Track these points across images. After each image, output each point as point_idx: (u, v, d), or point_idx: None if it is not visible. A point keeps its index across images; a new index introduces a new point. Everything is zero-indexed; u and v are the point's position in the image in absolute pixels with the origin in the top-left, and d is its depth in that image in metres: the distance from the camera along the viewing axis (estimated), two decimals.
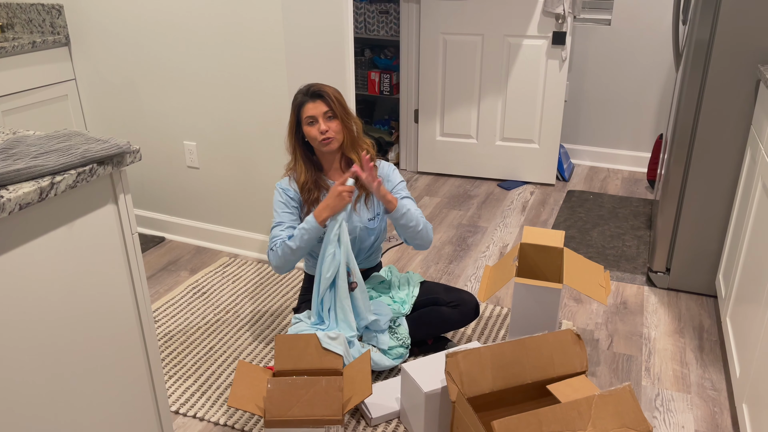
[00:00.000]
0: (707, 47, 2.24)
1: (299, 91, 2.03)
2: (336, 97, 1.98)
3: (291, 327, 2.07)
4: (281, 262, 2.00)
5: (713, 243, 2.46)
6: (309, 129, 1.99)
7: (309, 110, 1.97)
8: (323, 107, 1.97)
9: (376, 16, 3.88)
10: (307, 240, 1.96)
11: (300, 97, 2.00)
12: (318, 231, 1.95)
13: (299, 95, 2.01)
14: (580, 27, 3.78)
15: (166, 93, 2.77)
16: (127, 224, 1.35)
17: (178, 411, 1.95)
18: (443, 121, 3.78)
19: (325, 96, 1.97)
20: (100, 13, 2.76)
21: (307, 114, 1.97)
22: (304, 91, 2.01)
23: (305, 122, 1.99)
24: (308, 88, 2.01)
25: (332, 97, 1.97)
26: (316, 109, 1.96)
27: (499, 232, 3.15)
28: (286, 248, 1.97)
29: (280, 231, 2.02)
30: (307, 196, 2.05)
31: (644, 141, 3.89)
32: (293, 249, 1.97)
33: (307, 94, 1.98)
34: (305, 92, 2.00)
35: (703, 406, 1.98)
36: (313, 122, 1.98)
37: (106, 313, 1.33)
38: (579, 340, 1.71)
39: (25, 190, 1.08)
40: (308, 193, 2.05)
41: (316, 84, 2.01)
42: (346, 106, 2.02)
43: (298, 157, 2.06)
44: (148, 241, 3.01)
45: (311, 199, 2.04)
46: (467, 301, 2.12)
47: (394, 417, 1.92)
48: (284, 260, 1.99)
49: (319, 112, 1.96)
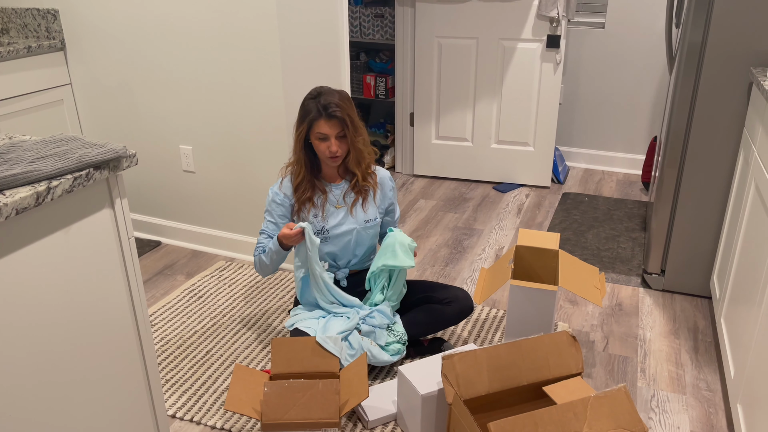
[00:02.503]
0: (700, 50, 2.26)
1: (311, 98, 2.00)
2: (350, 117, 1.99)
3: (291, 318, 2.10)
4: (260, 270, 2.15)
5: (707, 244, 2.47)
6: (319, 143, 2.01)
7: (322, 127, 1.97)
8: (337, 129, 1.98)
9: (371, 20, 3.89)
10: (276, 259, 2.08)
11: (314, 111, 1.97)
12: (283, 253, 2.06)
13: (312, 105, 1.98)
14: (575, 30, 3.80)
15: (162, 97, 2.78)
16: (124, 229, 1.35)
17: (175, 415, 1.95)
18: (438, 124, 3.79)
19: (341, 119, 1.97)
20: (95, 18, 2.76)
21: (319, 130, 1.98)
22: (316, 98, 1.98)
23: (316, 136, 2.00)
24: (322, 99, 1.97)
25: (347, 119, 1.98)
26: (331, 129, 1.98)
27: (494, 234, 3.16)
28: (262, 260, 2.11)
29: (263, 239, 2.13)
30: (301, 195, 2.08)
31: (638, 143, 3.91)
32: (266, 264, 2.11)
33: (324, 111, 1.96)
34: (321, 106, 1.96)
35: (698, 406, 1.99)
36: (324, 139, 2.00)
37: (102, 318, 1.33)
38: (574, 341, 1.72)
39: (21, 194, 1.08)
40: (302, 193, 2.08)
41: (328, 94, 1.99)
42: (357, 122, 2.03)
43: (300, 158, 2.08)
44: (145, 245, 3.01)
45: (304, 198, 2.08)
46: (460, 298, 2.14)
47: (391, 419, 1.92)
48: (261, 269, 2.14)
49: (332, 132, 1.98)
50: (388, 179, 2.21)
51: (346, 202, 2.11)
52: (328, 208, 2.10)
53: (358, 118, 2.04)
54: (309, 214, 2.09)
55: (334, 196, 2.11)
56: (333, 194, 2.11)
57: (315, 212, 2.09)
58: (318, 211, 2.09)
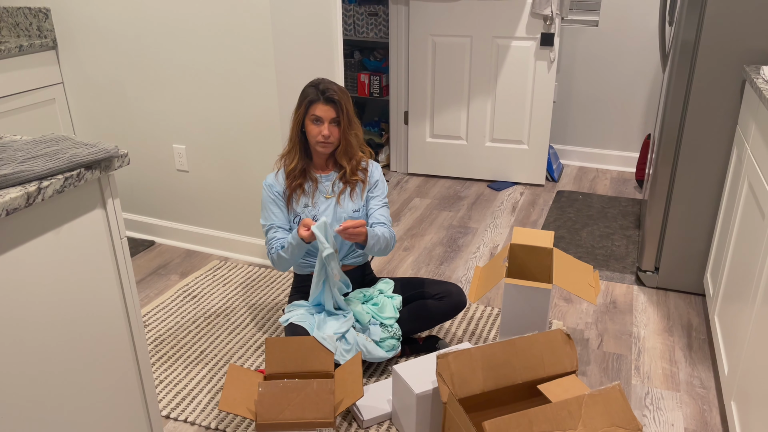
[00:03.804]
0: (693, 48, 2.26)
1: (311, 85, 2.05)
2: (346, 107, 2.02)
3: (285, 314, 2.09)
4: (279, 266, 2.11)
5: (701, 242, 2.48)
6: (312, 126, 2.03)
7: (318, 110, 2.00)
8: (332, 113, 2.01)
9: (365, 18, 3.89)
10: (296, 253, 2.04)
11: (312, 94, 2.02)
12: (303, 245, 2.01)
13: (311, 90, 2.03)
14: (568, 28, 3.80)
15: (155, 96, 2.76)
16: (116, 229, 1.34)
17: (169, 415, 1.95)
18: (433, 122, 3.79)
19: (338, 103, 2.00)
20: (87, 17, 2.74)
21: (314, 112, 2.01)
22: (316, 85, 2.03)
23: (310, 118, 2.03)
24: (321, 85, 2.02)
25: (343, 106, 2.01)
26: (326, 112, 2.00)
27: (489, 233, 3.16)
28: (281, 256, 2.07)
29: (273, 233, 2.10)
30: (291, 181, 2.10)
31: (632, 141, 3.91)
32: (286, 258, 2.07)
33: (321, 95, 2.00)
34: (319, 90, 2.01)
35: (692, 403, 2.00)
36: (318, 122, 2.02)
37: (94, 318, 1.32)
38: (569, 339, 1.72)
39: (12, 195, 1.08)
40: (293, 179, 2.10)
41: (328, 83, 2.03)
42: (352, 114, 2.06)
43: (295, 144, 2.10)
44: (138, 245, 3.00)
45: (294, 185, 2.10)
46: (453, 293, 2.14)
47: (386, 419, 1.92)
48: (281, 264, 2.10)
49: (327, 116, 2.01)
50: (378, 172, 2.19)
51: (334, 192, 2.12)
52: (318, 197, 2.11)
53: (354, 114, 2.07)
54: (300, 203, 2.09)
55: (324, 186, 2.12)
56: (323, 184, 2.12)
57: (306, 201, 2.10)
58: (308, 199, 2.10)
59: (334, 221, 2.10)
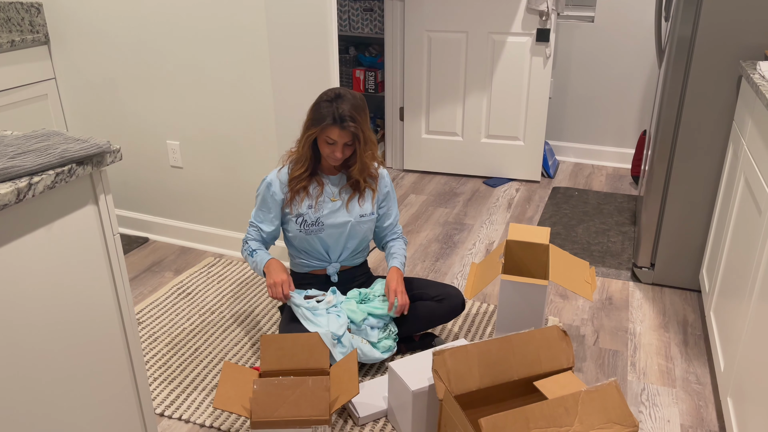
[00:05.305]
0: (689, 44, 2.26)
1: (326, 100, 1.96)
2: (362, 130, 1.97)
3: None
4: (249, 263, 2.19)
5: (697, 238, 2.48)
6: (325, 146, 1.99)
7: (333, 134, 1.95)
8: (347, 138, 1.97)
9: (361, 14, 3.87)
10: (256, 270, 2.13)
11: (329, 119, 1.94)
12: (262, 274, 2.11)
13: (327, 111, 1.94)
14: (564, 24, 3.79)
15: (149, 92, 2.74)
16: (108, 225, 1.33)
17: (164, 413, 1.93)
18: (428, 118, 3.78)
19: (354, 134, 1.96)
20: (79, 12, 2.72)
21: (329, 134, 1.96)
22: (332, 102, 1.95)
23: (324, 138, 1.98)
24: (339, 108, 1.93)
25: (359, 135, 1.97)
26: (341, 137, 1.96)
27: (485, 229, 3.15)
28: (248, 260, 2.15)
29: (251, 230, 2.15)
30: (295, 184, 2.07)
31: (628, 137, 3.91)
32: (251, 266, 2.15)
33: (337, 121, 1.93)
34: (336, 116, 1.93)
35: (688, 400, 2.00)
36: (332, 144, 1.98)
37: (87, 316, 1.31)
38: (565, 336, 1.72)
39: (2, 191, 1.06)
40: (297, 182, 2.07)
41: (345, 104, 1.94)
42: (368, 135, 2.01)
43: (305, 155, 2.05)
44: (132, 242, 2.98)
45: (298, 187, 2.07)
46: (452, 295, 2.13)
47: (382, 416, 1.91)
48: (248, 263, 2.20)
49: (342, 140, 1.97)
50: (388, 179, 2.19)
51: (341, 197, 2.10)
52: (323, 199, 2.08)
53: (369, 131, 2.02)
54: (302, 205, 2.07)
55: (330, 188, 2.10)
56: (329, 187, 2.10)
57: (309, 203, 2.08)
58: (312, 201, 2.07)
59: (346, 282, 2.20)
